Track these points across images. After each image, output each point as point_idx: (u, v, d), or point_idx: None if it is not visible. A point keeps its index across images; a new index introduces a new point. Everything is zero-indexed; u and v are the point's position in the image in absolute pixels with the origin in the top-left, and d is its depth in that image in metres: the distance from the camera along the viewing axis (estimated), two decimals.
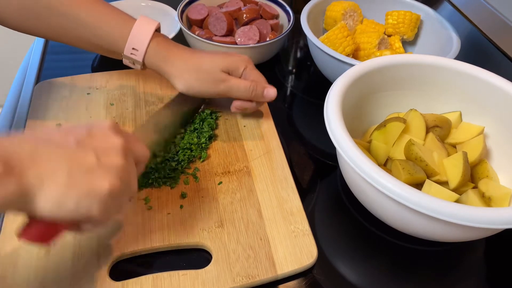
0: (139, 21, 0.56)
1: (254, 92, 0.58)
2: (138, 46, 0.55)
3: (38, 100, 0.64)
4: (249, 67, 0.58)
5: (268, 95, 0.59)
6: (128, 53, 0.56)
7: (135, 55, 0.56)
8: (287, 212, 0.52)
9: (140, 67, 0.58)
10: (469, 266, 0.53)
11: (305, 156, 0.63)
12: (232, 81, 0.57)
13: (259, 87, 0.58)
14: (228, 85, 0.57)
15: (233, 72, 0.58)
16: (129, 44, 0.55)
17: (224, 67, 0.57)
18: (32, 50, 0.80)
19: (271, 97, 0.59)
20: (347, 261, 0.51)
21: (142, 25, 0.55)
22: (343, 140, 0.46)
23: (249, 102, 0.59)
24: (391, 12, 0.77)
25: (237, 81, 0.57)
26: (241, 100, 0.59)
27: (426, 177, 0.51)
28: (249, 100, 0.59)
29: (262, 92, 0.58)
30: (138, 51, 0.55)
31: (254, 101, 0.60)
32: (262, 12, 0.79)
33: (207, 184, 0.54)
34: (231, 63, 0.57)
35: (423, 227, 0.45)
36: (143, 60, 0.56)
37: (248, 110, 0.61)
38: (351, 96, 0.53)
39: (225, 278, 0.45)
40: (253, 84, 0.57)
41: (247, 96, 0.58)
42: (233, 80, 0.57)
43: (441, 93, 0.60)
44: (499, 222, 0.40)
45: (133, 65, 0.58)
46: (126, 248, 0.47)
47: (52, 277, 0.44)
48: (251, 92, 0.58)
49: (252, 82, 0.58)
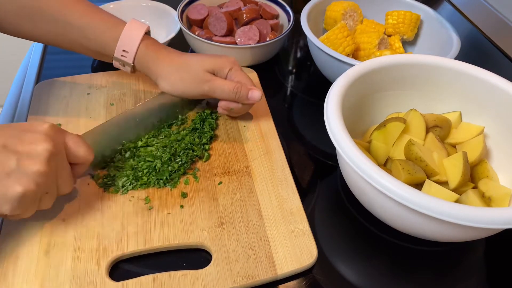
0: (129, 24, 0.56)
1: (238, 94, 0.58)
2: (128, 48, 0.56)
3: (38, 100, 0.64)
4: (234, 68, 0.59)
5: (252, 97, 0.58)
6: (119, 55, 0.56)
7: (125, 57, 0.57)
8: (287, 212, 0.52)
9: (130, 69, 0.58)
10: (469, 266, 0.52)
11: (305, 156, 0.63)
12: (216, 82, 0.57)
13: (244, 89, 0.58)
14: (212, 85, 0.57)
15: (218, 72, 0.58)
16: (119, 46, 0.56)
17: (209, 68, 0.57)
18: (32, 50, 0.80)
19: (255, 99, 0.58)
20: (347, 261, 0.51)
21: (132, 28, 0.56)
22: (343, 140, 0.46)
23: (235, 103, 0.59)
24: (391, 12, 0.77)
25: (221, 81, 0.57)
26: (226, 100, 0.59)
27: (426, 177, 0.51)
28: (234, 101, 0.59)
29: (246, 94, 0.58)
30: (128, 53, 0.56)
31: (240, 102, 0.59)
32: (262, 12, 0.79)
33: (207, 184, 0.54)
34: (216, 63, 0.58)
35: (423, 227, 0.45)
36: (133, 62, 0.57)
37: (234, 110, 0.60)
38: (351, 96, 0.53)
39: (225, 278, 0.45)
40: (237, 86, 0.57)
41: (231, 98, 0.58)
42: (217, 80, 0.57)
43: (441, 93, 0.60)
44: (499, 222, 0.40)
45: (123, 67, 0.58)
46: (126, 248, 0.47)
47: (52, 277, 0.44)
48: (235, 94, 0.57)
49: (237, 84, 0.58)
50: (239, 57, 0.72)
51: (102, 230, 0.48)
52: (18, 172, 0.39)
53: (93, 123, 0.59)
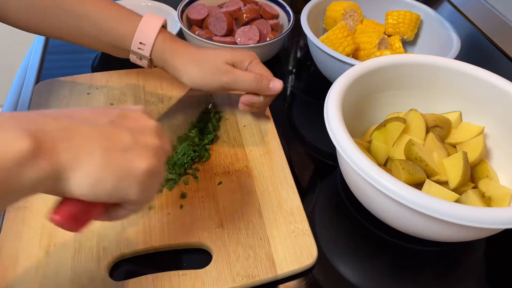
0: (146, 16, 0.56)
1: (259, 84, 0.56)
2: (145, 40, 0.55)
3: (38, 100, 0.64)
4: (254, 62, 0.58)
5: (274, 87, 0.57)
6: (136, 48, 0.56)
7: (142, 50, 0.56)
8: (287, 212, 0.52)
9: (147, 63, 0.57)
10: (469, 266, 0.53)
11: (305, 156, 0.63)
12: (237, 73, 0.56)
13: (265, 79, 0.56)
14: (233, 76, 0.56)
15: (238, 65, 0.57)
16: (136, 38, 0.55)
17: (229, 60, 0.56)
18: (32, 50, 0.80)
19: (277, 89, 0.57)
20: (347, 261, 0.51)
21: (149, 21, 0.55)
22: (343, 140, 0.46)
23: (256, 96, 0.58)
24: (391, 12, 0.77)
25: (241, 72, 0.56)
26: (248, 94, 0.58)
27: (426, 177, 0.51)
28: (255, 94, 0.58)
29: (267, 84, 0.57)
30: (145, 46, 0.55)
31: (261, 95, 0.58)
32: (262, 12, 0.79)
33: (207, 184, 0.54)
34: (236, 56, 0.57)
35: (423, 227, 0.45)
36: (150, 55, 0.56)
37: (256, 105, 0.59)
38: (351, 96, 0.53)
39: (225, 278, 0.45)
40: (258, 76, 0.56)
41: (252, 89, 0.57)
42: (237, 71, 0.56)
43: (441, 93, 0.60)
44: (499, 222, 0.40)
45: (140, 61, 0.57)
46: (126, 248, 0.47)
47: (52, 277, 0.44)
48: (256, 83, 0.56)
49: (257, 75, 0.56)
50: None
51: (102, 230, 0.48)
52: (135, 146, 0.33)
53: None
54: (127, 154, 0.33)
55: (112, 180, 0.31)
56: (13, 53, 1.42)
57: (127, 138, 0.33)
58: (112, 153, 0.32)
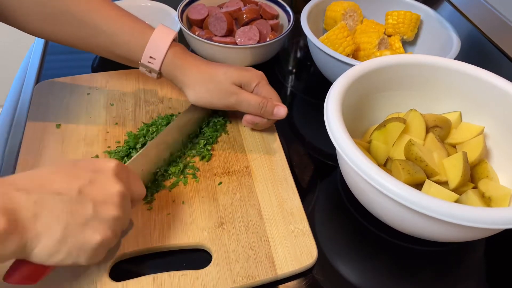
0: (157, 30, 0.55)
1: (263, 109, 0.57)
2: (155, 55, 0.55)
3: (38, 100, 0.64)
4: (262, 83, 0.58)
5: (278, 114, 0.58)
6: (146, 61, 0.55)
7: (152, 64, 0.56)
8: (287, 212, 0.52)
9: (157, 76, 0.57)
10: (469, 266, 0.53)
11: (305, 156, 0.63)
12: (243, 95, 0.56)
13: (269, 105, 0.57)
14: (239, 98, 0.56)
15: (245, 86, 0.58)
16: (146, 52, 0.55)
17: (236, 80, 0.57)
18: (32, 50, 0.80)
19: (280, 115, 0.58)
20: (347, 261, 0.51)
21: (160, 35, 0.55)
22: (343, 140, 0.46)
23: (260, 117, 0.58)
24: (391, 12, 0.77)
25: (248, 95, 0.57)
26: (252, 114, 0.59)
27: (426, 177, 0.51)
28: (258, 115, 0.58)
29: (272, 110, 0.57)
30: (155, 60, 0.55)
31: (264, 118, 0.59)
32: (262, 12, 0.79)
33: (207, 184, 0.54)
34: (244, 76, 0.57)
35: (423, 227, 0.45)
36: (160, 69, 0.56)
37: (259, 125, 0.60)
38: (351, 96, 0.53)
39: (225, 279, 0.45)
40: (264, 101, 0.57)
41: (256, 112, 0.57)
42: (244, 94, 0.57)
43: (441, 93, 0.60)
44: (499, 222, 0.40)
45: (149, 74, 0.57)
46: (126, 248, 0.47)
47: (52, 277, 0.44)
48: (261, 108, 0.57)
49: (264, 99, 0.57)
50: (239, 57, 0.72)
51: None
52: (94, 220, 0.38)
53: (93, 123, 0.60)
54: (85, 228, 0.37)
55: (65, 252, 0.37)
56: (13, 53, 1.42)
57: (89, 211, 0.38)
58: (71, 228, 0.37)
